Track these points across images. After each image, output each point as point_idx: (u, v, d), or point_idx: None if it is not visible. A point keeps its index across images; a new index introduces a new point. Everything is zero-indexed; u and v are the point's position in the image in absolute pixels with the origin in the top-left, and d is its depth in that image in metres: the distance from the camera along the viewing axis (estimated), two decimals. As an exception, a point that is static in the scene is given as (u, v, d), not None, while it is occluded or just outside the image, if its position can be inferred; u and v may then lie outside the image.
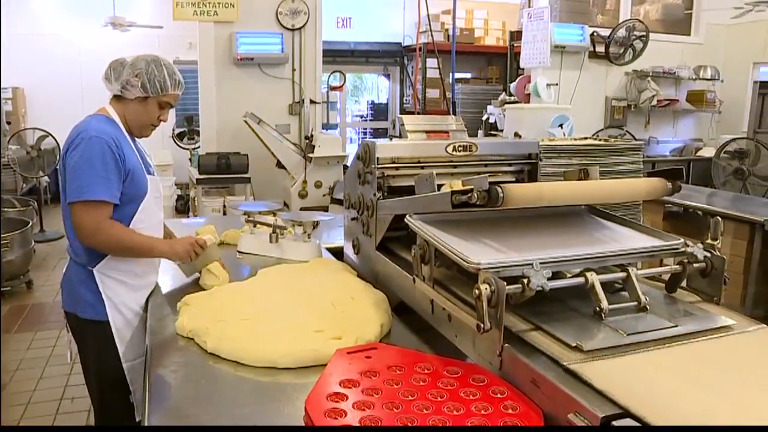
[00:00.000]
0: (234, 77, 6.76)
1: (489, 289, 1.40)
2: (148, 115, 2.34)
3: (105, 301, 2.27)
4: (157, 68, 2.29)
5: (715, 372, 1.35)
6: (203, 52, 6.73)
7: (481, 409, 1.34)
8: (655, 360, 1.39)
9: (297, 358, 1.73)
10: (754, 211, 5.07)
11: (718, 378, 1.32)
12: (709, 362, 1.39)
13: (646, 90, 7.93)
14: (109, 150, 2.16)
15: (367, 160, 2.16)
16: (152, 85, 2.27)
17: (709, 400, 1.22)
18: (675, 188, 1.83)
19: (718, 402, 1.22)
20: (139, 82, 2.26)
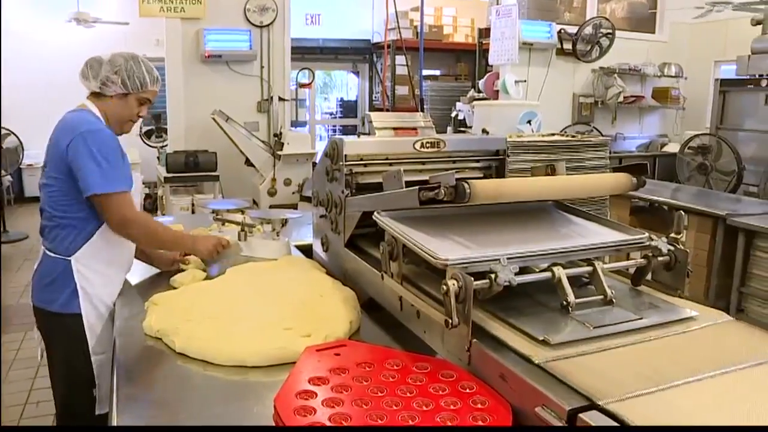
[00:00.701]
0: (202, 75, 6.70)
1: (457, 284, 1.41)
2: (128, 112, 2.36)
3: (79, 292, 2.27)
4: (136, 65, 2.32)
5: (679, 362, 1.37)
6: (170, 49, 6.66)
7: (450, 404, 1.35)
8: (620, 352, 1.41)
9: (266, 356, 1.72)
10: (716, 206, 5.17)
11: (681, 368, 1.34)
12: (672, 353, 1.41)
13: (612, 87, 8.02)
14: (117, 142, 2.27)
15: (335, 158, 2.16)
16: (132, 81, 2.30)
17: (673, 391, 1.25)
18: (640, 183, 1.85)
19: (681, 391, 1.24)
20: (119, 79, 2.29)
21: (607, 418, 1.14)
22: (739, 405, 1.22)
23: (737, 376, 1.32)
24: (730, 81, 7.23)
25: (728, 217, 4.84)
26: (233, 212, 3.02)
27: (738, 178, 6.59)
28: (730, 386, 1.28)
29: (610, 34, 7.86)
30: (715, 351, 1.45)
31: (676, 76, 8.58)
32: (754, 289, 4.74)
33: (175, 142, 6.79)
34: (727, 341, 1.50)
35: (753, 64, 6.77)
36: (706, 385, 1.28)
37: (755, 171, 6.50)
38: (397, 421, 1.28)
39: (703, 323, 1.57)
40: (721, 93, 7.19)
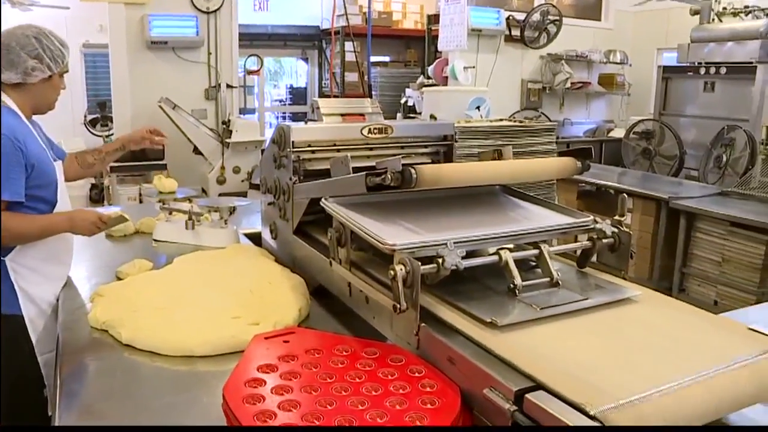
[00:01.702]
0: (147, 61, 6.54)
1: (404, 269, 1.41)
2: (53, 90, 2.27)
3: (18, 293, 2.17)
4: (48, 41, 2.19)
5: (621, 341, 1.41)
6: (114, 35, 6.48)
7: (399, 388, 1.36)
8: (565, 332, 1.43)
9: (214, 345, 1.71)
10: (659, 189, 5.30)
11: (623, 346, 1.38)
12: (614, 332, 1.45)
13: (560, 73, 8.12)
14: (11, 146, 2.06)
15: (282, 144, 2.14)
16: (54, 61, 2.20)
17: (615, 368, 1.28)
18: (584, 167, 1.88)
19: (623, 369, 1.28)
20: (43, 65, 2.17)
21: (553, 398, 1.16)
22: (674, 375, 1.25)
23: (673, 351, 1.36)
24: (671, 68, 7.40)
25: (671, 200, 4.98)
26: (180, 201, 2.97)
27: (680, 162, 6.76)
28: (666, 360, 1.32)
29: (557, 21, 7.95)
30: (654, 328, 1.48)
31: (621, 63, 8.73)
32: (694, 269, 4.89)
33: (120, 131, 6.62)
34: (666, 318, 1.54)
35: (692, 52, 6.94)
36: (645, 359, 1.32)
37: (695, 155, 6.67)
38: (346, 407, 1.28)
39: (644, 302, 1.61)
40: (664, 80, 7.36)
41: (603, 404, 1.12)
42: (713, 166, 6.19)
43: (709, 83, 6.86)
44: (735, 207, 4.76)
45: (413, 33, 10.07)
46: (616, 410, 1.11)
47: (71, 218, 2.27)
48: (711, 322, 1.54)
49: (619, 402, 1.14)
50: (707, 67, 6.77)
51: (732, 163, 6.02)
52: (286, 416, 1.26)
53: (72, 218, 2.27)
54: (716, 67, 6.69)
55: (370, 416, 1.25)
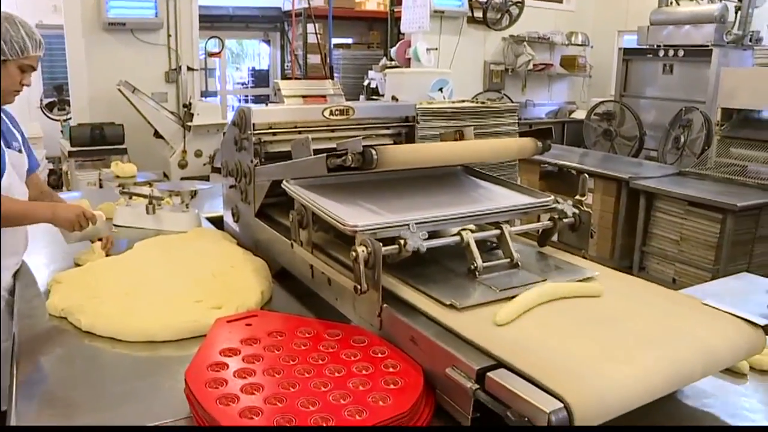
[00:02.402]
0: (105, 43, 6.41)
1: (366, 251, 1.41)
2: (9, 80, 2.14)
3: None
4: (13, 28, 2.09)
5: (579, 319, 1.42)
6: (69, 15, 6.33)
7: (362, 369, 1.36)
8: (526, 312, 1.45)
9: (176, 330, 1.69)
10: (620, 170, 5.38)
11: (582, 324, 1.40)
12: (573, 310, 1.47)
13: (522, 54, 8.17)
14: None
15: (243, 127, 2.12)
16: (10, 47, 2.08)
17: (574, 345, 1.29)
18: (545, 147, 1.90)
19: (582, 346, 1.29)
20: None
21: (514, 376, 1.18)
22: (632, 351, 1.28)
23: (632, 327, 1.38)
24: (632, 50, 7.49)
25: (631, 180, 5.06)
26: (140, 185, 2.93)
27: (640, 143, 6.86)
28: (625, 336, 1.35)
29: (520, 3, 7.98)
30: (610, 306, 1.51)
31: (582, 45, 8.81)
32: (654, 248, 4.99)
33: (78, 115, 6.50)
34: (623, 297, 1.57)
35: (652, 34, 7.03)
36: (602, 337, 1.34)
37: (655, 136, 6.78)
38: (309, 389, 1.28)
39: (602, 281, 1.64)
40: (624, 62, 7.45)
41: (563, 381, 1.13)
42: (672, 146, 6.30)
43: (667, 65, 6.96)
44: (692, 187, 4.86)
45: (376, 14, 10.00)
46: (576, 386, 1.13)
47: (54, 209, 2.21)
48: (667, 299, 1.57)
49: (579, 378, 1.16)
50: (666, 50, 6.87)
51: (690, 144, 6.13)
52: (248, 399, 1.25)
53: (55, 209, 2.21)
54: (674, 50, 6.79)
55: (333, 397, 1.25)
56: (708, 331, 1.39)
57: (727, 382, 1.55)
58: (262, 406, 1.23)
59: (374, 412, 1.20)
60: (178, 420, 1.33)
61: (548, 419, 1.06)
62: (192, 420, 1.30)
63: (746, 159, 5.12)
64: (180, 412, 1.34)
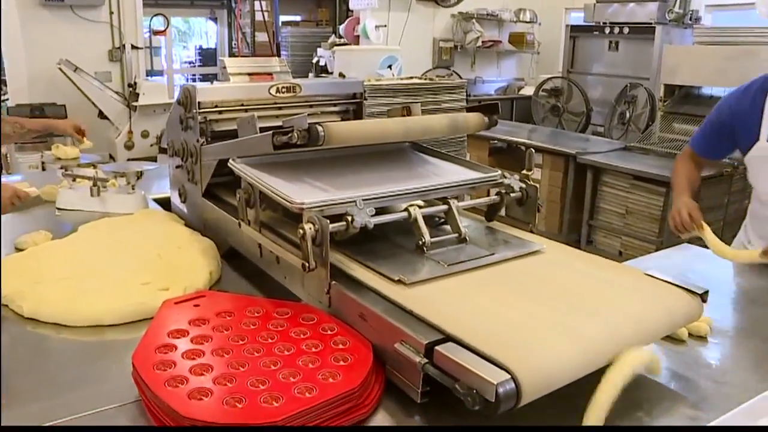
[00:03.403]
0: (42, 20, 6.19)
1: (313, 228, 1.41)
2: None
3: None
4: None
5: (527, 292, 1.45)
6: (2, -9, 6.10)
7: (311, 346, 1.36)
8: (474, 286, 1.47)
9: (123, 313, 1.66)
10: (567, 145, 5.47)
11: (529, 297, 1.42)
12: (520, 284, 1.49)
13: (471, 31, 8.19)
14: None
15: (188, 105, 2.08)
16: None
17: (522, 318, 1.32)
18: (492, 122, 1.91)
19: (529, 318, 1.32)
20: None
21: (462, 349, 1.19)
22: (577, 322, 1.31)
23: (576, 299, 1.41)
24: (578, 27, 7.57)
25: (578, 156, 5.14)
26: (84, 167, 2.85)
27: (587, 118, 6.97)
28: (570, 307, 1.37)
29: (468, -20, 7.99)
30: (555, 278, 1.54)
31: (530, 22, 8.87)
32: (601, 221, 5.09)
33: (16, 95, 6.28)
34: (567, 269, 1.60)
35: (598, 11, 7.12)
36: (548, 308, 1.37)
37: (601, 112, 6.89)
38: (259, 368, 1.28)
39: (549, 255, 1.67)
40: (571, 38, 7.53)
41: (510, 353, 1.15)
42: (617, 122, 6.41)
43: (613, 42, 7.07)
44: (637, 161, 4.97)
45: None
46: (523, 358, 1.15)
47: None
48: (611, 270, 1.61)
49: (526, 350, 1.19)
50: (611, 27, 6.97)
51: (634, 120, 6.25)
52: (198, 380, 1.24)
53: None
54: (619, 27, 6.89)
55: (282, 376, 1.25)
56: (649, 301, 1.43)
57: (668, 349, 1.59)
58: (211, 387, 1.22)
59: (324, 389, 1.21)
60: (126, 404, 1.31)
61: (496, 390, 1.08)
62: (141, 404, 1.28)
63: (688, 134, 5.24)
64: (128, 397, 1.32)
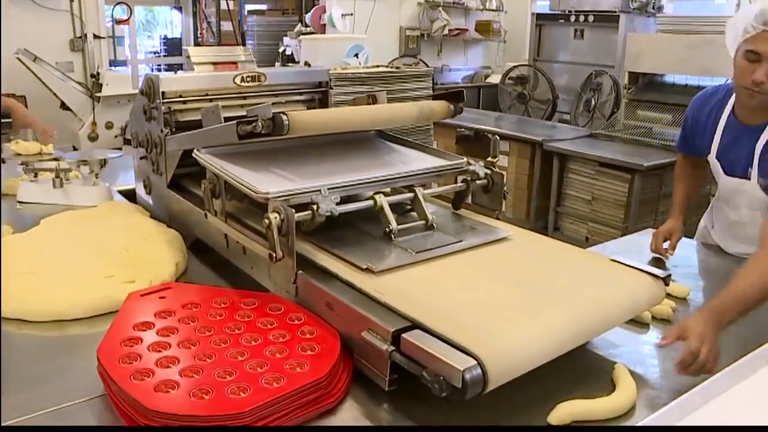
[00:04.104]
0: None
1: (279, 217, 1.40)
2: None
3: None
4: None
5: (493, 278, 1.46)
6: (-44, -22, 5.94)
7: (278, 336, 1.36)
8: (441, 273, 1.47)
9: (86, 307, 1.64)
10: (534, 132, 5.51)
11: (496, 283, 1.43)
12: (487, 270, 1.50)
13: (437, 20, 8.19)
14: None
15: (151, 95, 2.05)
16: None
17: (489, 304, 1.33)
18: (457, 110, 1.91)
19: (496, 304, 1.33)
20: None
21: (429, 336, 1.20)
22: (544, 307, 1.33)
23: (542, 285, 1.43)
24: (544, 16, 7.61)
25: (544, 143, 5.18)
26: (47, 159, 2.80)
27: (553, 106, 7.02)
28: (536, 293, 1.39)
29: (434, -32, 7.98)
30: (521, 263, 1.55)
31: (497, 10, 8.89)
32: (567, 208, 5.15)
33: (-28, 87, 6.14)
34: (533, 254, 1.61)
35: (563, 0, 7.16)
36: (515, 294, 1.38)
37: (567, 99, 6.95)
38: (226, 359, 1.28)
39: (516, 241, 1.68)
40: (537, 27, 7.57)
41: (476, 339, 1.16)
42: (583, 109, 6.47)
43: (578, 31, 7.11)
44: (602, 148, 5.02)
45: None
46: (489, 344, 1.16)
47: None
48: (576, 256, 1.63)
49: (492, 336, 1.20)
50: (576, 15, 7.01)
51: (600, 107, 6.31)
52: (164, 373, 1.23)
53: None
54: (584, 16, 6.94)
55: (249, 366, 1.25)
56: (613, 286, 1.45)
57: (632, 332, 1.62)
58: (178, 379, 1.21)
59: (291, 379, 1.21)
60: (92, 399, 1.30)
61: (462, 377, 1.08)
62: (106, 398, 1.27)
63: (651, 121, 5.33)
64: (94, 391, 1.31)
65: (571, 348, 1.31)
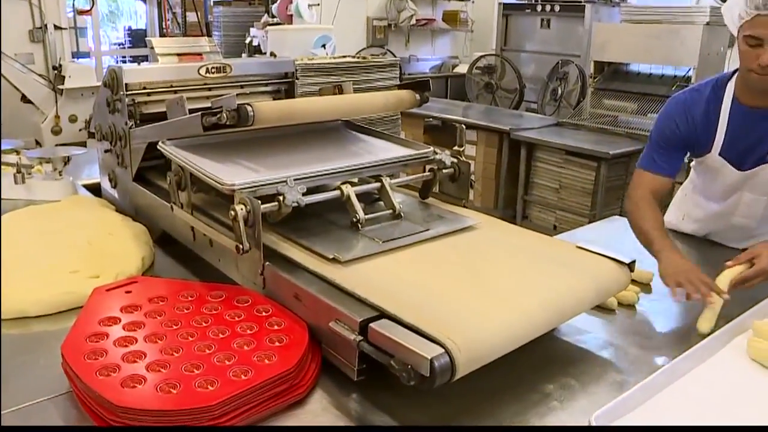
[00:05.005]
0: (-51, -3, 5.89)
1: (245, 209, 1.40)
2: None
3: None
4: None
5: (461, 266, 1.47)
6: None
7: (246, 329, 1.35)
8: (408, 262, 1.48)
9: (50, 303, 1.62)
10: (501, 121, 5.53)
11: (463, 272, 1.44)
12: (455, 259, 1.51)
13: (405, 10, 8.17)
14: None
15: (114, 87, 2.02)
16: None
17: (456, 292, 1.34)
18: (423, 99, 1.92)
19: (464, 292, 1.34)
20: None
21: (396, 325, 1.20)
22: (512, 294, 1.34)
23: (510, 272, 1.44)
24: (511, 5, 7.63)
25: (512, 132, 5.21)
26: (7, 153, 2.74)
27: (520, 95, 7.06)
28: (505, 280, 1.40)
29: (400, -42, 7.96)
30: (487, 251, 1.57)
31: (464, 0, 8.90)
32: (535, 196, 5.19)
33: None
34: (499, 242, 1.63)
35: (530, -11, 7.21)
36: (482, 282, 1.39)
37: (534, 89, 6.99)
38: (193, 352, 1.27)
39: (483, 230, 1.69)
40: (504, 16, 7.59)
41: (443, 327, 1.17)
42: (550, 98, 6.51)
43: (545, 20, 7.16)
44: (569, 137, 5.06)
45: (256, -31, 9.71)
46: (456, 332, 1.17)
47: None
48: (543, 244, 1.65)
49: (458, 324, 1.20)
50: (543, 5, 7.05)
51: (566, 96, 6.36)
52: (130, 368, 1.22)
53: None
54: (551, 5, 6.98)
55: (217, 359, 1.24)
56: (580, 272, 1.47)
57: (598, 318, 1.64)
58: (144, 374, 1.20)
59: (260, 371, 1.20)
60: (57, 396, 1.28)
61: (430, 365, 1.09)
62: (72, 395, 1.25)
63: (617, 110, 5.39)
64: (59, 389, 1.29)
65: (539, 334, 1.32)
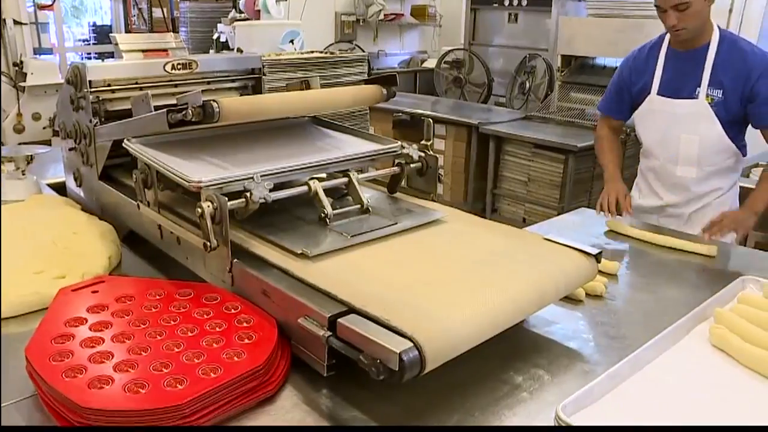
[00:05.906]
0: None
1: (212, 206, 1.39)
2: None
3: None
4: None
5: (430, 260, 1.48)
6: None
7: (215, 326, 1.34)
8: (377, 257, 1.48)
9: (14, 305, 1.59)
10: (470, 115, 5.57)
11: (432, 266, 1.45)
12: (423, 252, 1.52)
13: (373, 5, 8.16)
14: None
15: (78, 84, 1.99)
16: None
17: (425, 286, 1.34)
18: (390, 94, 1.92)
19: (432, 286, 1.35)
20: None
21: (365, 320, 1.20)
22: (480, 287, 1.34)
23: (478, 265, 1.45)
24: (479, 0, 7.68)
25: (480, 126, 5.25)
26: (-33, 152, 2.69)
27: (488, 89, 7.10)
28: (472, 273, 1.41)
29: (368, -47, 7.94)
30: (455, 243, 1.58)
31: (432, -6, 8.93)
32: (504, 189, 5.23)
33: None
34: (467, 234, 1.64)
35: (497, -16, 7.24)
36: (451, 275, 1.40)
37: (502, 83, 7.04)
38: (161, 351, 1.26)
39: (451, 223, 1.70)
40: (472, 11, 7.63)
41: (412, 321, 1.17)
42: (518, 92, 6.57)
43: (512, 15, 7.21)
44: (537, 130, 5.11)
45: (222, -35, 9.62)
46: (425, 326, 1.17)
47: None
48: (511, 236, 1.66)
49: (427, 318, 1.21)
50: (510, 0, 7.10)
51: (534, 90, 6.42)
52: (97, 369, 1.21)
53: None
54: (518, 0, 7.03)
55: (186, 358, 1.23)
56: (547, 264, 1.48)
57: (567, 309, 1.66)
58: (112, 374, 1.19)
59: (229, 368, 1.20)
60: (21, 400, 1.26)
61: (399, 359, 1.09)
62: (37, 399, 1.23)
63: (584, 103, 5.45)
64: (23, 392, 1.27)
65: (508, 326, 1.34)
